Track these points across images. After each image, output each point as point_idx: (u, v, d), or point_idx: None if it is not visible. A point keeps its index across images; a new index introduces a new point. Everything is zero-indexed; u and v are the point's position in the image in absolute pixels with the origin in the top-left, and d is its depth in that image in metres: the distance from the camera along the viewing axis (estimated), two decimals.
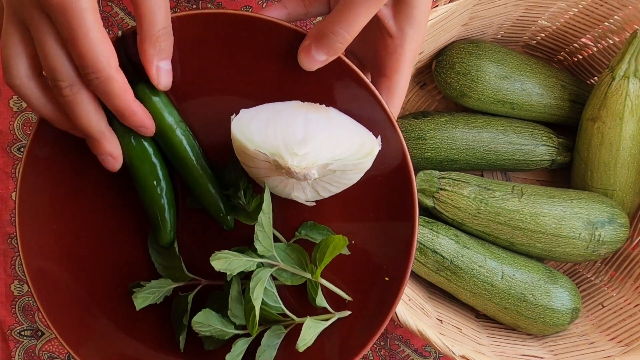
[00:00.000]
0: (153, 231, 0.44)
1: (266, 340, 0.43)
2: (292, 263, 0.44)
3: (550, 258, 0.57)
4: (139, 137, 0.41)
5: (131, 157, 0.41)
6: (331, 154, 0.38)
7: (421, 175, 0.56)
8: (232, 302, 0.43)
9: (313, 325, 0.42)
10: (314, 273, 0.43)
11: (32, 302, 0.64)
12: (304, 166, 0.38)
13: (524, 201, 0.54)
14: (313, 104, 0.41)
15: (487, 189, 0.55)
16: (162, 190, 0.43)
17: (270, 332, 0.44)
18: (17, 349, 0.64)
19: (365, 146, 0.40)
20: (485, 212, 0.54)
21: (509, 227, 0.54)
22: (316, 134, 0.39)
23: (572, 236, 0.54)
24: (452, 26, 0.55)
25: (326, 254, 0.42)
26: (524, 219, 0.54)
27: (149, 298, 0.43)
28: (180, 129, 0.42)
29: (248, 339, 0.43)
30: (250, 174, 0.42)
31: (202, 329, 0.42)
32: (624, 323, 0.55)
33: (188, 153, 0.42)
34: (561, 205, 0.54)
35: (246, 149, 0.39)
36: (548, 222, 0.54)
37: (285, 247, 0.44)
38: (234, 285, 0.43)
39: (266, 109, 0.41)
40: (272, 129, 0.39)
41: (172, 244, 0.44)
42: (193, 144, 0.43)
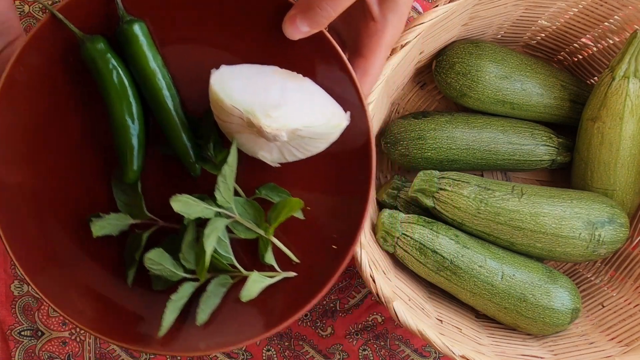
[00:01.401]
0: (119, 168, 0.45)
1: (212, 287, 0.45)
2: (248, 218, 0.45)
3: (550, 258, 0.57)
4: (122, 75, 0.42)
5: (111, 92, 0.42)
6: (302, 121, 0.40)
7: (421, 176, 0.56)
8: (185, 246, 0.44)
9: (258, 280, 0.44)
10: (267, 230, 0.45)
11: (32, 302, 0.64)
12: (275, 127, 0.40)
13: (524, 201, 0.54)
14: (291, 72, 0.43)
15: (487, 189, 0.55)
16: (134, 130, 0.44)
17: (218, 280, 0.45)
18: (17, 349, 0.64)
19: (335, 119, 0.42)
20: (485, 212, 0.54)
21: (509, 227, 0.54)
22: (291, 100, 0.41)
23: (572, 236, 0.54)
24: (452, 26, 0.55)
25: (281, 214, 0.44)
26: (524, 219, 0.54)
27: (106, 228, 0.45)
28: (162, 74, 0.43)
29: (195, 284, 0.44)
30: (222, 127, 0.44)
31: (153, 266, 0.43)
32: (624, 323, 0.55)
33: (167, 98, 0.44)
34: (561, 205, 0.54)
35: (223, 103, 0.40)
36: (548, 222, 0.54)
37: (244, 202, 0.45)
38: (189, 230, 0.44)
39: (247, 69, 0.43)
40: (251, 89, 0.41)
41: (136, 183, 0.45)
42: (173, 90, 0.44)
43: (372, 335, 0.66)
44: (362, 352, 0.66)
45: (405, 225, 0.54)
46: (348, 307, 0.66)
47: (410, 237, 0.53)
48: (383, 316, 0.66)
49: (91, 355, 0.65)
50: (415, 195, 0.56)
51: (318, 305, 0.66)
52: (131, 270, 0.46)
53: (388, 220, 0.54)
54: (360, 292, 0.66)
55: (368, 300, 0.66)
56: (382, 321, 0.66)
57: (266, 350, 0.66)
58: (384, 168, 0.65)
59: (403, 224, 0.54)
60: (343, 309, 0.66)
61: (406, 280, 0.56)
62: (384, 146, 0.61)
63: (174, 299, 0.43)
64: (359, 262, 0.47)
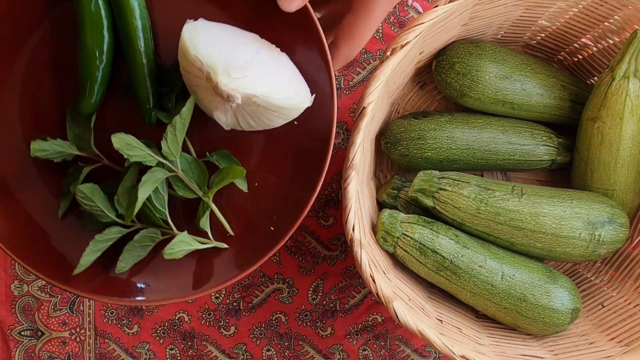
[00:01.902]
0: (78, 98, 0.44)
1: (139, 238, 0.44)
2: (192, 177, 0.45)
3: (550, 258, 0.57)
4: (100, 6, 0.42)
5: (85, 19, 0.42)
6: (262, 90, 0.40)
7: (421, 176, 0.56)
8: (122, 189, 0.44)
9: (185, 241, 0.44)
10: (207, 194, 0.44)
11: (32, 302, 0.64)
12: (232, 87, 0.39)
13: (524, 201, 0.54)
14: (270, 45, 0.43)
15: (487, 189, 0.55)
16: (100, 63, 0.43)
17: (146, 232, 0.44)
18: (17, 349, 0.64)
19: (297, 98, 0.41)
20: (485, 212, 0.54)
21: (509, 227, 0.54)
22: (257, 67, 0.40)
23: (572, 236, 0.54)
24: (452, 26, 0.55)
25: (224, 180, 0.44)
26: (524, 219, 0.54)
27: (47, 152, 0.44)
28: (141, 15, 0.43)
29: (123, 230, 0.44)
30: (184, 79, 0.43)
31: (84, 201, 0.43)
32: (624, 323, 0.55)
33: (139, 39, 0.43)
34: (561, 205, 0.54)
35: (187, 52, 0.40)
36: (548, 222, 0.54)
37: (191, 161, 0.45)
38: (130, 175, 0.44)
39: (224, 29, 0.42)
40: (220, 47, 0.40)
41: (90, 116, 0.45)
42: (148, 34, 0.44)
43: (372, 335, 0.66)
44: (362, 352, 0.66)
45: (405, 225, 0.54)
46: (348, 307, 0.66)
47: (410, 237, 0.53)
48: (383, 316, 0.66)
49: (91, 355, 0.65)
50: (415, 195, 0.56)
51: (318, 305, 0.66)
52: (64, 201, 0.45)
53: (388, 220, 0.54)
54: (360, 292, 0.66)
55: (368, 300, 0.66)
56: (382, 321, 0.66)
57: (266, 350, 0.66)
58: (384, 168, 0.65)
59: (403, 224, 0.54)
60: (343, 309, 0.66)
61: (406, 280, 0.56)
62: (384, 146, 0.60)
63: (98, 239, 0.43)
64: (359, 262, 0.47)
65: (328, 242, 0.66)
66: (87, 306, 0.65)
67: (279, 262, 0.66)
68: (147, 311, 0.65)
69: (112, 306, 0.65)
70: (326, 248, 0.66)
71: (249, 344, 0.66)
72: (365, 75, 0.66)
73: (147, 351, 0.65)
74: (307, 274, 0.66)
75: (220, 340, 0.66)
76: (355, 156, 0.47)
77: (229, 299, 0.66)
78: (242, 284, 0.66)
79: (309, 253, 0.66)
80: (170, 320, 0.65)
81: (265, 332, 0.66)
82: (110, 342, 0.65)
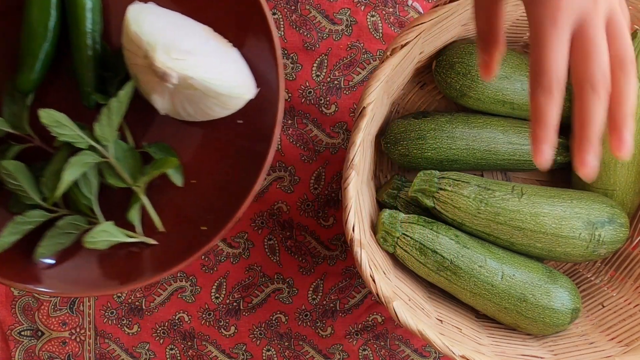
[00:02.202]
0: (16, 74, 0.43)
1: (63, 224, 0.43)
2: (124, 166, 0.43)
3: (550, 258, 0.57)
4: None
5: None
6: (201, 74, 0.38)
7: (421, 176, 0.56)
8: (49, 171, 0.42)
9: (110, 232, 0.42)
10: (139, 185, 0.43)
11: (32, 302, 0.64)
12: (168, 65, 0.37)
13: (524, 201, 0.54)
14: (222, 38, 0.42)
15: (487, 189, 0.55)
16: (44, 41, 0.42)
17: (71, 219, 0.43)
18: (17, 349, 0.64)
19: (239, 88, 0.40)
20: (486, 212, 0.54)
21: (509, 227, 0.54)
22: (202, 54, 0.39)
23: (572, 236, 0.54)
24: (452, 26, 0.55)
25: (156, 169, 0.42)
26: (524, 219, 0.54)
27: None
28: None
29: (47, 215, 0.42)
30: (126, 59, 0.42)
31: (9, 179, 0.41)
32: (624, 323, 0.55)
33: (87, 19, 0.42)
34: (561, 205, 0.54)
35: (129, 29, 0.39)
36: (548, 222, 0.54)
37: (127, 149, 0.43)
38: (59, 157, 0.42)
39: (175, 16, 0.41)
40: (166, 29, 0.39)
41: (28, 94, 0.43)
42: (98, 16, 0.42)
43: (372, 335, 0.66)
44: (362, 352, 0.66)
45: (406, 225, 0.54)
46: (348, 307, 0.66)
47: (411, 237, 0.53)
48: (383, 316, 0.66)
49: (91, 355, 0.65)
50: (415, 195, 0.56)
51: (318, 305, 0.66)
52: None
53: (388, 220, 0.54)
54: (360, 292, 0.66)
55: (368, 300, 0.66)
56: (382, 321, 0.66)
57: (266, 350, 0.66)
58: (384, 168, 0.65)
59: (403, 224, 0.54)
60: (343, 309, 0.66)
61: (406, 280, 0.56)
62: (383, 146, 0.60)
63: (18, 221, 0.41)
64: (359, 262, 0.47)
65: (328, 242, 0.66)
66: (87, 306, 0.65)
67: (279, 262, 0.66)
68: (147, 311, 0.65)
69: (112, 306, 0.65)
70: (326, 248, 0.66)
71: (249, 344, 0.66)
72: (365, 75, 0.66)
73: (147, 351, 0.65)
74: (307, 274, 0.66)
75: (220, 340, 0.66)
76: (355, 156, 0.47)
77: (229, 299, 0.66)
78: (242, 283, 0.66)
79: (309, 253, 0.66)
80: (170, 320, 0.65)
81: (265, 332, 0.66)
82: (110, 342, 0.65)
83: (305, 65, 0.65)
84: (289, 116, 0.65)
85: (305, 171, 0.66)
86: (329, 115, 0.65)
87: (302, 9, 0.65)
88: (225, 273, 0.66)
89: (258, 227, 0.66)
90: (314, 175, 0.66)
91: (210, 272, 0.65)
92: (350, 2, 0.65)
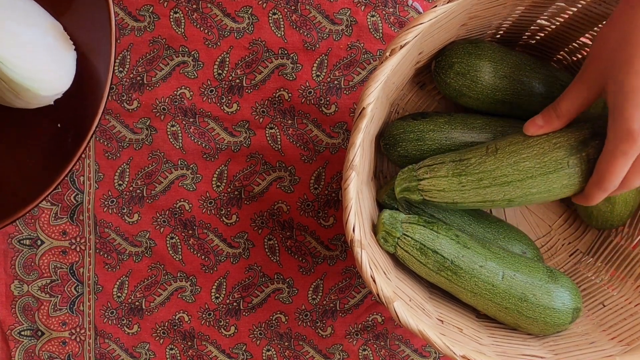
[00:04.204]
0: None
1: None
2: None
3: (555, 197, 0.53)
4: None
5: None
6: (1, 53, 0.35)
7: (400, 175, 0.55)
8: None
9: None
10: None
11: (32, 302, 0.64)
12: None
13: (500, 155, 0.52)
14: (65, 35, 0.39)
15: (462, 160, 0.53)
16: None
17: None
18: (17, 349, 0.64)
19: (35, 82, 0.36)
20: (469, 182, 0.52)
21: (497, 187, 0.52)
22: (7, 33, 0.35)
23: (561, 167, 0.51)
24: (451, 26, 0.55)
25: None
26: (507, 172, 0.51)
27: None
28: None
29: None
30: None
31: None
32: (624, 322, 0.55)
33: None
34: (537, 143, 0.52)
35: None
36: (530, 164, 0.51)
37: None
38: None
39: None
40: None
41: None
42: None
43: (372, 335, 0.66)
44: (362, 352, 0.66)
45: (406, 225, 0.54)
46: (348, 307, 0.66)
47: (411, 238, 0.53)
48: (383, 316, 0.66)
49: (91, 355, 0.65)
50: (402, 196, 0.55)
51: (318, 305, 0.66)
52: None
53: (389, 220, 0.54)
54: (360, 292, 0.66)
55: (368, 300, 0.66)
56: (382, 321, 0.66)
57: (266, 350, 0.66)
58: (384, 169, 0.65)
59: (404, 224, 0.54)
60: (343, 309, 0.66)
61: (407, 280, 0.56)
62: (383, 147, 0.60)
63: None
64: (359, 263, 0.47)
65: (328, 242, 0.66)
66: (87, 306, 0.65)
67: (279, 262, 0.66)
68: (147, 311, 0.65)
69: (112, 306, 0.65)
70: (326, 248, 0.66)
71: (249, 344, 0.66)
72: (365, 76, 0.66)
73: (147, 351, 0.65)
74: (307, 274, 0.66)
75: (220, 340, 0.66)
76: (355, 157, 0.47)
77: (229, 299, 0.66)
78: (242, 283, 0.66)
79: (309, 253, 0.66)
80: (170, 320, 0.65)
81: (265, 332, 0.66)
82: (110, 342, 0.65)
83: (305, 66, 0.65)
84: (289, 116, 0.65)
85: (305, 171, 0.66)
86: (329, 115, 0.65)
87: (302, 9, 0.65)
88: (225, 273, 0.66)
89: (258, 227, 0.66)
90: (314, 175, 0.66)
91: (210, 272, 0.65)
92: (351, 2, 0.65)
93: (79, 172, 0.64)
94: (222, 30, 0.64)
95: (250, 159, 0.65)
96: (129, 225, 0.65)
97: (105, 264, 0.65)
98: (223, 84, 0.65)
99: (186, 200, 0.65)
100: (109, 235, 0.65)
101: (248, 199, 0.65)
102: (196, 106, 0.65)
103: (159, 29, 0.64)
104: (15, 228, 0.64)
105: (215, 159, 0.65)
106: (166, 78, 0.64)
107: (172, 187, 0.65)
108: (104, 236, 0.65)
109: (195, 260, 0.65)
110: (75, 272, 0.65)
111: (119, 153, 0.64)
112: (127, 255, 0.65)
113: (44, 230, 0.64)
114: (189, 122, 0.65)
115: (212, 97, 0.65)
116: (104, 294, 0.65)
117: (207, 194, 0.65)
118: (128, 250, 0.65)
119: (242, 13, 0.65)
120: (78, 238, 0.65)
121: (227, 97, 0.65)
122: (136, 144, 0.64)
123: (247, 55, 0.65)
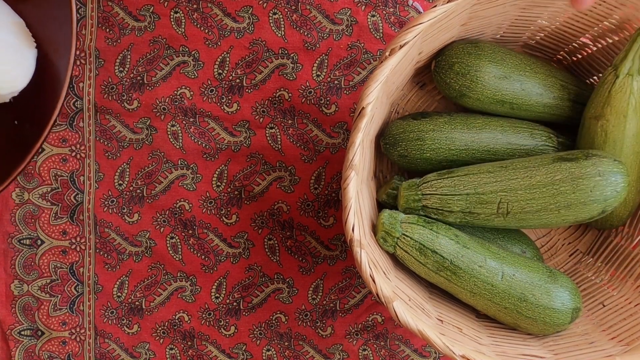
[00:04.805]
0: None
1: None
2: None
3: (561, 224, 0.56)
4: None
5: None
6: None
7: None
8: None
9: None
10: None
11: (32, 302, 0.64)
12: None
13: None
14: (28, 32, 0.39)
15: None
16: None
17: None
18: (17, 348, 0.64)
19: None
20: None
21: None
22: None
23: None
24: (451, 26, 0.55)
25: None
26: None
27: None
28: None
29: None
30: None
31: None
32: (624, 322, 0.55)
33: None
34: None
35: None
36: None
37: None
38: None
39: None
40: None
41: None
42: None
43: (372, 335, 0.66)
44: (362, 352, 0.66)
45: (405, 225, 0.54)
46: (348, 307, 0.66)
47: (410, 238, 0.53)
48: (383, 316, 0.66)
49: (91, 355, 0.65)
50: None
51: (318, 305, 0.66)
52: None
53: (388, 220, 0.54)
54: (360, 292, 0.66)
55: (368, 300, 0.66)
56: (382, 321, 0.66)
57: (266, 350, 0.66)
58: (384, 168, 0.65)
59: (403, 224, 0.54)
60: (343, 309, 0.66)
61: (406, 280, 0.56)
62: (383, 147, 0.60)
63: None
64: (359, 263, 0.47)
65: (328, 242, 0.66)
66: (87, 306, 0.65)
67: (279, 262, 0.66)
68: (147, 311, 0.65)
69: (112, 306, 0.65)
70: (326, 248, 0.66)
71: (249, 344, 0.66)
72: (365, 75, 0.66)
73: (147, 351, 0.65)
74: (307, 274, 0.66)
75: (220, 340, 0.66)
76: (355, 156, 0.47)
77: (229, 299, 0.66)
78: (242, 283, 0.66)
79: (309, 253, 0.66)
80: (170, 320, 0.65)
81: (265, 332, 0.66)
82: (110, 342, 0.65)
83: (305, 65, 0.65)
84: (289, 116, 0.65)
85: (305, 171, 0.66)
86: (329, 115, 0.65)
87: (302, 8, 0.65)
88: (225, 273, 0.66)
89: (258, 227, 0.66)
90: (314, 175, 0.66)
91: (210, 272, 0.65)
92: (351, 2, 0.65)
93: (79, 172, 0.64)
94: (223, 30, 0.65)
95: (250, 159, 0.65)
96: (129, 225, 0.65)
97: (105, 263, 0.65)
98: (223, 83, 0.65)
99: (186, 200, 0.65)
100: (109, 235, 0.65)
101: (248, 198, 0.65)
102: (196, 106, 0.65)
103: (159, 28, 0.64)
104: (15, 228, 0.64)
105: (215, 159, 0.65)
106: (166, 78, 0.65)
107: (172, 187, 0.65)
108: (104, 236, 0.65)
109: (195, 260, 0.65)
110: (75, 271, 0.65)
111: (119, 153, 0.64)
112: (127, 255, 0.65)
113: (44, 230, 0.64)
114: (189, 121, 0.65)
115: (213, 97, 0.65)
116: (104, 293, 0.65)
117: (207, 194, 0.65)
118: (128, 250, 0.65)
119: (243, 13, 0.65)
120: (78, 238, 0.65)
121: (228, 97, 0.65)
122: (136, 144, 0.65)
123: (248, 55, 0.65)
